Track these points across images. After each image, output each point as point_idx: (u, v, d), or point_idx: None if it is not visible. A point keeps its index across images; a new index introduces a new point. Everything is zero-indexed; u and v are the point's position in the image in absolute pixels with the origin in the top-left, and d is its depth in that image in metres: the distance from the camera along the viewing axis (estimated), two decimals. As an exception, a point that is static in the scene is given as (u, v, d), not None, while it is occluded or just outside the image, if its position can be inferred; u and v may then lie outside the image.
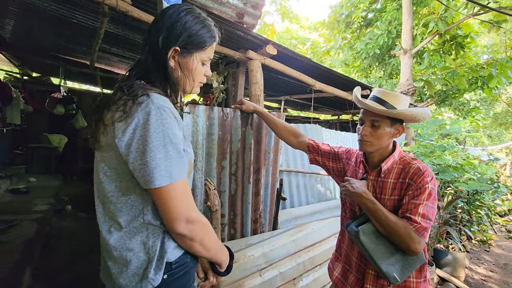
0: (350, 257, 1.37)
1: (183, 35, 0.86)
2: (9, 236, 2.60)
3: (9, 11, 2.85)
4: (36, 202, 3.65)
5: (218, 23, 2.12)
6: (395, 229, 1.10)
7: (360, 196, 1.19)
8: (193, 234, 0.80)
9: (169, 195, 0.76)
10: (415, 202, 1.13)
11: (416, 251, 1.09)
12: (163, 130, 0.74)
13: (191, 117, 1.76)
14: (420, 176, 1.16)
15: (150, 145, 0.72)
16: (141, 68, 0.89)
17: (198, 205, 1.86)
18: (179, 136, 0.79)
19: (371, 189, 1.27)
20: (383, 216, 1.13)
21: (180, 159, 0.78)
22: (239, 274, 1.96)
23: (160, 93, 0.80)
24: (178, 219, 0.77)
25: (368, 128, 1.25)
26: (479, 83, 6.56)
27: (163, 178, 0.73)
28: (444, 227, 3.48)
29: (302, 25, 16.52)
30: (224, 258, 0.97)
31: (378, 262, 1.13)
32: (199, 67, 0.93)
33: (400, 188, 1.20)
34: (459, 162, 4.32)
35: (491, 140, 16.34)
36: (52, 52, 4.32)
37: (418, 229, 1.09)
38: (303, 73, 3.08)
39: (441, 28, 5.56)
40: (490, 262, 4.32)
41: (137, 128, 0.74)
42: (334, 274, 1.46)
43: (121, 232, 0.80)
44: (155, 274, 0.79)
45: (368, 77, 9.28)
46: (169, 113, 0.76)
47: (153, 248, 0.80)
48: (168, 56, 0.86)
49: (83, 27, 2.84)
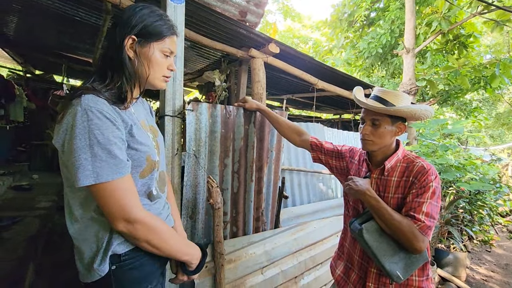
0: (352, 256, 1.38)
1: (138, 25, 0.88)
2: (13, 232, 2.62)
3: (13, 9, 2.86)
4: (39, 199, 3.67)
5: (221, 21, 2.14)
6: (399, 227, 1.10)
7: (364, 194, 1.19)
8: (134, 234, 0.82)
9: (100, 195, 0.78)
10: (419, 200, 1.13)
11: (419, 249, 1.09)
12: (89, 131, 0.75)
13: (194, 115, 1.77)
14: (424, 174, 1.16)
15: (74, 146, 0.74)
16: (102, 63, 0.92)
17: (201, 203, 1.87)
18: (112, 136, 0.78)
19: (375, 187, 1.27)
20: (387, 214, 1.13)
21: (112, 160, 0.77)
22: (241, 272, 1.96)
23: (96, 94, 0.80)
24: (115, 218, 0.79)
25: (369, 127, 1.25)
26: (482, 83, 6.53)
27: (86, 178, 0.75)
28: (445, 227, 3.48)
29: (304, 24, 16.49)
30: (186, 258, 0.96)
31: (382, 260, 1.13)
32: (158, 58, 0.93)
33: (404, 186, 1.20)
34: (461, 162, 4.31)
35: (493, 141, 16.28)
36: (55, 49, 4.33)
37: (422, 228, 1.09)
38: (306, 72, 3.08)
39: (444, 27, 5.53)
40: (491, 262, 4.32)
41: (67, 129, 0.76)
42: (336, 272, 1.47)
43: (78, 224, 0.85)
44: (99, 265, 0.83)
45: (370, 77, 9.26)
46: (97, 114, 0.76)
47: (102, 240, 0.84)
48: (125, 45, 0.87)
49: (86, 24, 2.85)
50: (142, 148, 0.88)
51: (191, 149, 1.78)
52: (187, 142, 1.76)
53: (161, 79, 0.97)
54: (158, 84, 0.97)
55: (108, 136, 0.77)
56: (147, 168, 0.90)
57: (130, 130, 0.86)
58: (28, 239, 2.54)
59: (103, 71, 0.89)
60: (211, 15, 2.09)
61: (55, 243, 2.96)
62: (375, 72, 9.58)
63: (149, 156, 0.91)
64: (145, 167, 0.90)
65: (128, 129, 0.85)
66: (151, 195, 0.95)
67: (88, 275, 0.84)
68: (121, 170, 0.79)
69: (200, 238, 1.89)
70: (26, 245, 2.45)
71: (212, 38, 2.44)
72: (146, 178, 0.91)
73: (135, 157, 0.87)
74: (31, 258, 2.37)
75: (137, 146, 0.87)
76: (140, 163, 0.88)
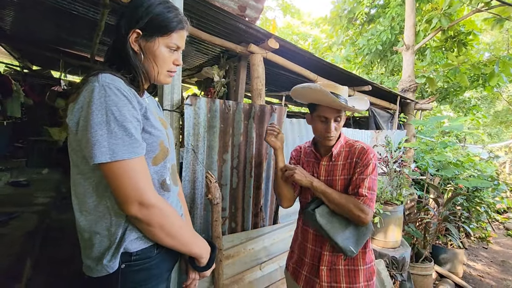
0: (305, 246, 1.43)
1: (144, 18, 0.85)
2: (10, 228, 2.60)
3: (9, 2, 2.82)
4: (37, 194, 3.65)
5: (220, 16, 2.12)
6: (346, 204, 1.25)
7: (311, 183, 1.33)
8: (149, 219, 0.78)
9: (114, 174, 0.75)
10: (362, 177, 1.28)
11: (365, 220, 1.24)
12: (106, 107, 0.73)
13: (192, 109, 1.75)
14: (365, 154, 1.31)
15: (91, 122, 0.72)
16: (108, 54, 0.91)
17: (199, 198, 1.86)
18: (129, 115, 0.76)
19: (324, 173, 1.39)
20: (334, 195, 1.28)
21: (128, 138, 0.75)
22: (239, 268, 1.96)
23: (113, 73, 0.79)
24: (129, 200, 0.76)
25: (333, 124, 1.32)
26: (481, 80, 6.54)
27: (102, 155, 0.72)
28: (443, 224, 3.49)
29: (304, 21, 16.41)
30: (199, 250, 0.93)
31: (335, 238, 1.24)
32: (163, 53, 0.90)
33: (349, 167, 1.34)
34: (459, 159, 4.32)
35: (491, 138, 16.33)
36: (52, 44, 4.29)
37: (365, 201, 1.25)
38: (305, 68, 3.06)
39: (444, 24, 5.52)
40: (488, 259, 4.35)
41: (83, 106, 0.74)
42: (290, 265, 1.51)
43: (90, 215, 0.81)
44: (109, 261, 0.79)
45: (369, 74, 9.25)
46: (115, 90, 0.75)
47: (115, 235, 0.80)
48: (129, 39, 0.85)
49: (83, 19, 2.82)
50: (155, 132, 0.86)
51: (189, 144, 1.77)
52: (186, 137, 1.75)
53: (166, 74, 0.94)
54: (163, 79, 0.95)
55: (125, 114, 0.75)
56: (160, 154, 0.88)
57: (145, 113, 0.84)
58: (25, 234, 2.53)
59: (112, 62, 0.88)
60: (210, 10, 2.07)
61: (53, 238, 2.95)
62: (374, 69, 9.56)
63: (162, 142, 0.89)
64: (158, 152, 0.87)
65: (143, 111, 0.83)
66: (165, 185, 0.91)
67: (95, 270, 0.81)
68: (136, 150, 0.77)
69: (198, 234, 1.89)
70: (24, 240, 2.44)
71: (211, 33, 2.41)
72: (159, 166, 0.89)
73: (149, 141, 0.84)
74: (29, 253, 2.36)
75: (151, 129, 0.85)
76: (154, 148, 0.86)
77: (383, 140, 3.44)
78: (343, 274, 1.32)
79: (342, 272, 1.32)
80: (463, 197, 4.06)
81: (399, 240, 3.00)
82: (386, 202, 2.98)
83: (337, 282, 1.32)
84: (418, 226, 3.74)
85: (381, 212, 2.72)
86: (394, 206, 2.93)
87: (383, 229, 2.87)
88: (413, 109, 5.08)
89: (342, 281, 1.32)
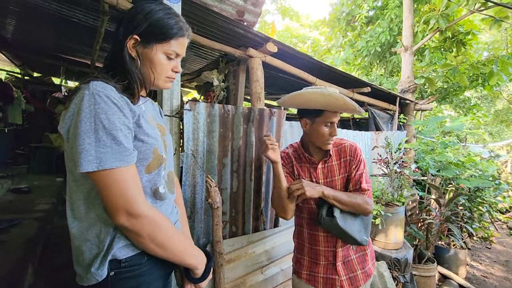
0: (316, 250, 1.43)
1: (142, 23, 0.85)
2: (11, 234, 2.61)
3: (10, 11, 2.85)
4: (38, 201, 3.66)
5: (219, 21, 2.14)
6: (356, 202, 1.33)
7: (322, 192, 1.32)
8: (137, 229, 0.77)
9: (103, 183, 0.74)
10: (359, 173, 1.38)
11: (370, 211, 1.37)
12: (95, 115, 0.72)
13: (192, 114, 1.76)
14: (355, 151, 1.40)
15: (79, 130, 0.72)
16: (107, 59, 0.90)
17: (199, 202, 1.87)
18: (119, 122, 0.75)
19: (322, 176, 1.42)
20: (345, 198, 1.32)
21: (117, 146, 0.74)
22: (241, 271, 1.96)
23: (105, 81, 0.78)
24: (117, 210, 0.75)
25: (336, 128, 1.36)
26: (480, 80, 6.53)
27: (89, 164, 0.71)
28: (445, 224, 3.48)
29: (302, 24, 16.49)
30: (192, 261, 0.89)
31: (354, 234, 1.31)
32: (160, 60, 0.89)
33: (345, 166, 1.41)
34: (460, 159, 4.31)
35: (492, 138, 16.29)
36: (53, 52, 4.32)
37: (368, 195, 1.36)
38: (304, 70, 3.08)
39: (442, 25, 5.53)
40: (491, 259, 4.32)
41: (74, 114, 0.74)
42: (303, 272, 1.48)
43: (82, 223, 0.81)
44: (97, 269, 0.79)
45: (369, 75, 9.26)
46: (105, 98, 0.74)
47: (103, 243, 0.79)
48: (126, 45, 0.84)
49: (83, 26, 2.84)
50: (149, 140, 0.85)
51: (189, 149, 1.78)
52: (185, 141, 1.76)
53: (165, 79, 0.93)
54: (162, 84, 0.93)
55: (114, 122, 0.74)
56: (153, 162, 0.86)
57: (138, 121, 0.83)
58: (26, 241, 2.54)
59: (109, 68, 0.87)
60: (208, 15, 2.09)
61: (54, 245, 2.95)
62: (373, 70, 9.58)
63: (156, 149, 0.87)
64: (152, 160, 0.86)
65: (135, 119, 0.82)
66: (157, 193, 0.89)
67: (85, 278, 0.81)
68: (125, 158, 0.76)
69: (199, 238, 1.89)
70: (25, 247, 2.45)
71: (210, 38, 2.43)
72: (152, 174, 0.87)
73: (142, 149, 0.83)
74: (30, 260, 2.36)
75: (143, 137, 0.84)
76: (147, 156, 0.84)
77: (383, 141, 3.44)
78: (356, 262, 1.42)
79: (355, 261, 1.42)
80: (465, 197, 4.04)
81: (401, 241, 2.99)
82: (387, 203, 2.97)
83: (353, 272, 1.41)
84: (420, 227, 3.73)
85: (382, 214, 2.72)
86: (395, 207, 2.93)
87: (385, 230, 2.86)
88: (413, 109, 5.08)
89: (357, 269, 1.42)
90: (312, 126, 1.37)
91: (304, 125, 1.41)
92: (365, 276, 1.43)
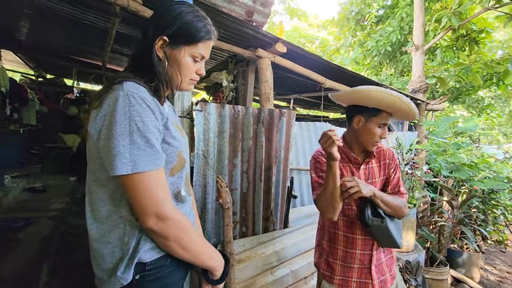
0: (352, 254, 1.39)
1: (172, 25, 0.83)
2: (27, 233, 2.68)
3: (24, 14, 2.92)
4: (52, 200, 3.74)
5: (228, 22, 2.15)
6: (398, 205, 1.32)
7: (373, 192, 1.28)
8: (165, 232, 0.76)
9: (134, 186, 0.73)
10: (397, 177, 1.42)
11: (406, 214, 1.37)
12: (130, 117, 0.72)
13: (202, 115, 1.77)
14: (393, 155, 1.44)
15: (114, 132, 0.71)
16: (132, 60, 0.90)
17: (210, 203, 1.87)
18: (151, 125, 0.75)
19: (364, 177, 1.40)
20: (390, 200, 1.31)
21: (150, 149, 0.74)
22: (251, 272, 1.96)
23: (137, 82, 0.78)
24: (146, 213, 0.74)
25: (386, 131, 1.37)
26: (494, 79, 6.37)
27: (124, 166, 0.71)
28: (458, 227, 3.41)
29: (310, 23, 16.40)
30: (212, 263, 0.89)
31: (397, 237, 1.29)
32: (187, 62, 0.88)
33: (384, 169, 1.43)
34: (473, 160, 4.22)
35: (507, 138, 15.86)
36: (66, 53, 4.41)
37: (406, 198, 1.40)
38: (313, 71, 3.06)
39: (454, 23, 5.42)
40: (506, 263, 4.21)
41: (107, 115, 0.73)
42: (337, 279, 1.42)
43: (102, 224, 0.80)
44: (123, 273, 0.77)
45: (378, 75, 9.14)
46: (139, 100, 0.74)
47: (128, 246, 0.78)
48: (155, 45, 0.84)
49: (95, 28, 2.89)
50: (175, 143, 0.85)
51: (200, 149, 1.79)
52: (196, 142, 1.77)
53: (189, 82, 0.93)
54: (185, 86, 0.93)
55: (147, 124, 0.74)
56: (177, 165, 0.87)
57: (166, 123, 0.83)
58: (41, 240, 2.59)
59: (134, 68, 0.86)
60: (217, 16, 2.10)
61: (69, 244, 3.01)
62: (383, 70, 9.45)
63: (181, 153, 0.87)
64: (176, 163, 0.86)
65: (164, 122, 0.82)
66: (179, 196, 0.89)
67: (108, 282, 0.79)
68: (157, 162, 0.76)
69: (209, 238, 1.90)
70: (40, 246, 2.50)
71: (219, 39, 2.43)
72: (175, 177, 0.87)
73: (168, 151, 0.82)
74: (45, 259, 2.41)
75: (170, 140, 0.83)
76: (172, 159, 0.84)
77: (394, 142, 3.39)
78: (386, 264, 1.43)
79: (384, 264, 1.42)
80: (479, 199, 3.95)
81: (413, 244, 2.94)
82: (398, 205, 2.93)
83: (383, 275, 1.41)
84: (432, 230, 3.66)
85: (393, 215, 2.68)
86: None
87: (396, 232, 2.82)
88: (424, 110, 4.99)
89: (386, 271, 1.42)
90: (365, 124, 1.33)
91: (357, 123, 1.36)
92: (392, 279, 1.44)
